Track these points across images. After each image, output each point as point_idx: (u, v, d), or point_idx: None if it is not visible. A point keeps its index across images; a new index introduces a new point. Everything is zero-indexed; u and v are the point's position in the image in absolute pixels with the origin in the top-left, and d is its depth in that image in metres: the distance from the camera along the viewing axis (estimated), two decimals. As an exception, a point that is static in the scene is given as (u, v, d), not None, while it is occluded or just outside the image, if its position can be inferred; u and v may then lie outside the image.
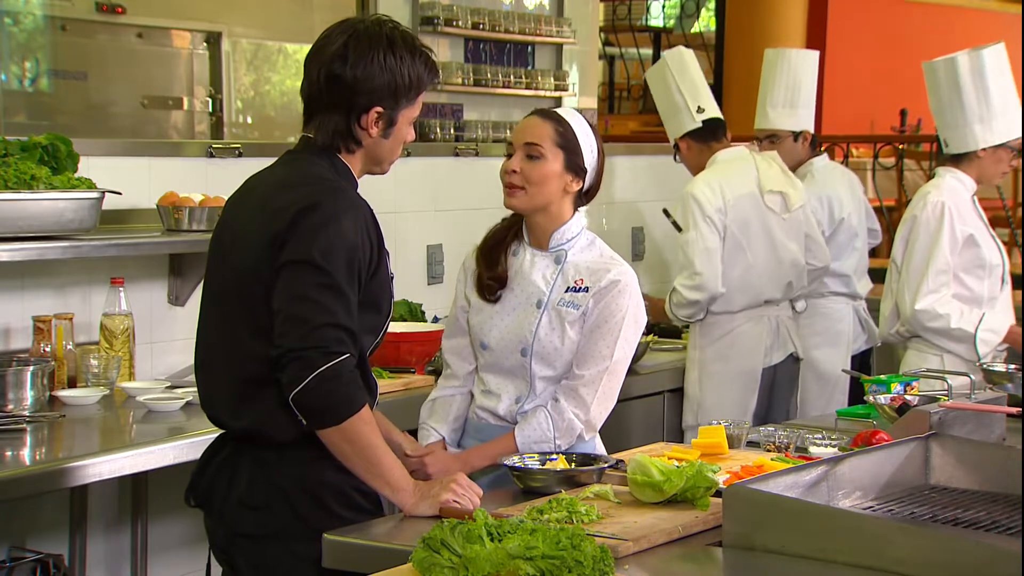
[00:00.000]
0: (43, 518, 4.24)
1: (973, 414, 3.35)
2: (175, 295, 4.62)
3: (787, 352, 5.34)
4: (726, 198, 5.18)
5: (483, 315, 3.41)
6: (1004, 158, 4.88)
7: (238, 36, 7.23)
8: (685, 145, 5.49)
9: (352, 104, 2.94)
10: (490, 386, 3.41)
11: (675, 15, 13.26)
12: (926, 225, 4.77)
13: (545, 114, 3.40)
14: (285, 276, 2.82)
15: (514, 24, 6.30)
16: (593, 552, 2.34)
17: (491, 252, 3.43)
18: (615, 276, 3.33)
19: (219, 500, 2.98)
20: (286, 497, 2.90)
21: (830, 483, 2.78)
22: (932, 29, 12.43)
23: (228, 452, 2.99)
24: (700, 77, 5.59)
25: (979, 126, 4.81)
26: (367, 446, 2.84)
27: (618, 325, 3.30)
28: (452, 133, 5.94)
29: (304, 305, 2.79)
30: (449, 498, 2.87)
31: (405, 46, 2.97)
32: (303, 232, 2.82)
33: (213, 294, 3.04)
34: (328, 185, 2.91)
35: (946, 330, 4.73)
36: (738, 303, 5.22)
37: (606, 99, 12.54)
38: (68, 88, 6.62)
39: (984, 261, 4.82)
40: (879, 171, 8.90)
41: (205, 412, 3.05)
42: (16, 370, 3.89)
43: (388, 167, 3.07)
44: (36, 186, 3.92)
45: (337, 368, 2.77)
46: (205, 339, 3.04)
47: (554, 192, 3.35)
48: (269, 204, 2.92)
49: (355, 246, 2.86)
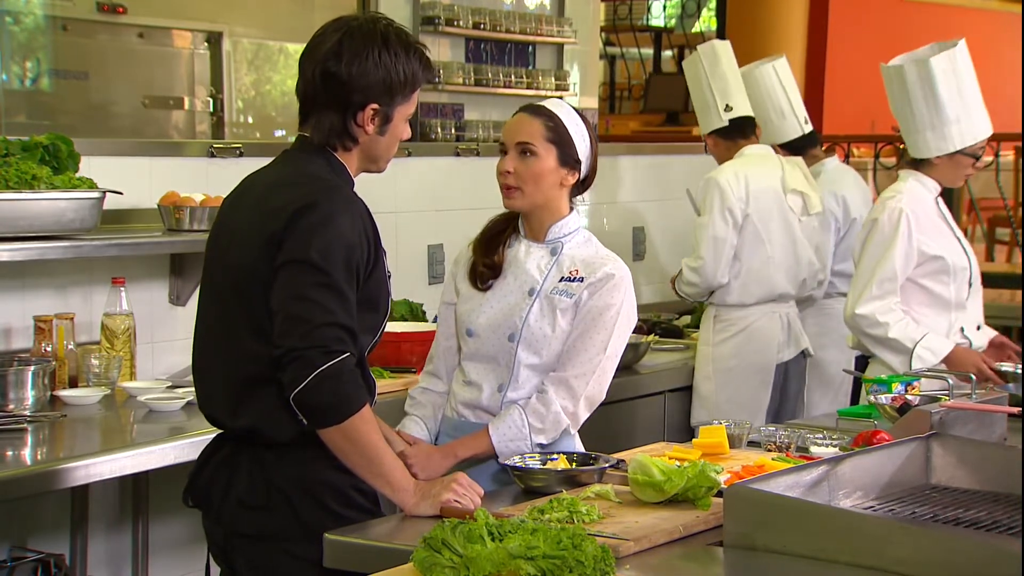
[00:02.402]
0: (44, 518, 4.24)
1: (974, 414, 3.35)
2: (176, 295, 4.62)
3: (799, 348, 5.41)
4: (749, 188, 5.25)
5: (472, 303, 3.41)
6: (963, 163, 4.67)
7: (239, 36, 7.24)
8: (712, 141, 5.53)
9: (348, 102, 2.94)
10: (471, 376, 3.39)
11: (676, 15, 13.27)
12: (881, 231, 4.61)
13: (534, 110, 3.39)
14: (283, 276, 2.82)
15: (515, 24, 6.31)
16: (594, 552, 2.34)
17: (489, 243, 3.44)
18: (611, 270, 3.34)
19: (217, 500, 2.98)
20: (285, 497, 2.90)
21: (831, 483, 2.78)
22: (933, 29, 12.42)
23: (226, 452, 2.98)
24: (733, 73, 5.56)
25: (931, 133, 4.63)
26: (368, 445, 2.84)
27: (613, 319, 3.31)
28: (453, 133, 5.95)
29: (303, 305, 2.79)
30: (450, 497, 2.87)
31: (399, 43, 2.96)
32: (300, 232, 2.82)
33: (210, 294, 3.04)
34: (324, 184, 2.91)
35: (883, 339, 4.55)
36: (754, 295, 5.28)
37: (607, 99, 12.55)
38: (69, 88, 6.62)
39: (947, 267, 4.68)
40: (880, 171, 8.90)
41: (203, 412, 3.05)
42: (17, 370, 3.89)
43: (385, 165, 3.07)
44: (37, 186, 3.92)
45: (338, 367, 2.77)
46: (202, 339, 3.04)
47: (551, 188, 3.35)
48: (265, 203, 2.92)
49: (353, 245, 2.85)
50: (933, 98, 4.60)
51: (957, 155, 4.64)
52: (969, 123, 4.63)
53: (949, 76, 4.60)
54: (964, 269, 4.66)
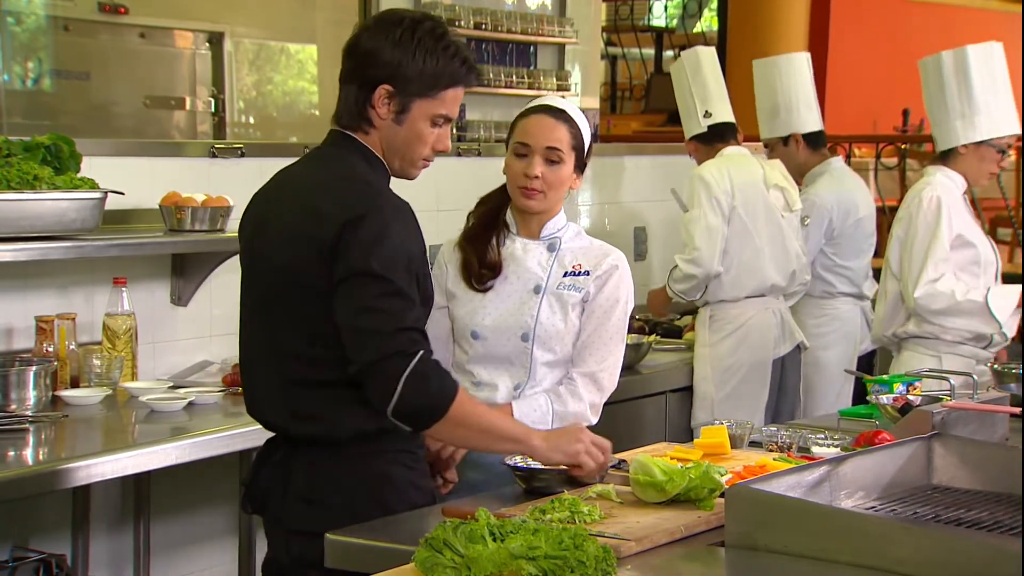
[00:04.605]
0: (46, 518, 4.24)
1: (976, 414, 3.35)
2: (177, 295, 4.62)
3: (794, 342, 5.45)
4: (734, 182, 5.32)
5: (472, 305, 3.41)
6: (988, 157, 4.86)
7: (240, 36, 7.24)
8: (692, 146, 5.63)
9: (363, 77, 2.90)
10: (482, 377, 3.39)
11: (677, 15, 13.26)
12: (924, 219, 4.76)
13: (558, 114, 3.39)
14: (346, 289, 2.78)
15: (516, 24, 6.31)
16: (596, 552, 2.34)
17: (478, 241, 3.44)
18: (614, 261, 3.40)
19: (276, 500, 2.94)
20: (344, 492, 2.88)
21: (832, 483, 2.78)
22: (934, 29, 12.42)
23: (283, 453, 2.95)
24: (715, 79, 5.62)
25: (960, 122, 4.82)
26: (478, 420, 2.86)
27: (623, 310, 3.39)
28: (454, 133, 5.95)
29: (371, 316, 2.76)
30: (580, 449, 2.94)
31: (431, 34, 2.90)
32: (358, 245, 2.77)
33: (254, 294, 2.99)
34: (370, 191, 2.87)
35: (955, 306, 4.65)
36: (746, 287, 5.31)
37: (608, 99, 12.54)
38: (71, 88, 6.62)
39: (979, 259, 4.80)
40: (881, 171, 8.90)
41: (253, 416, 3.01)
42: (19, 370, 3.89)
43: (413, 170, 3.00)
44: (39, 186, 3.91)
45: (419, 367, 2.75)
46: (249, 342, 3.00)
47: (564, 191, 3.42)
48: (310, 205, 2.86)
49: (411, 251, 2.84)
50: (966, 85, 4.80)
51: (983, 147, 4.82)
52: (999, 115, 4.83)
53: (983, 66, 4.83)
54: (991, 263, 4.82)
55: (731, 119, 5.56)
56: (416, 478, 2.95)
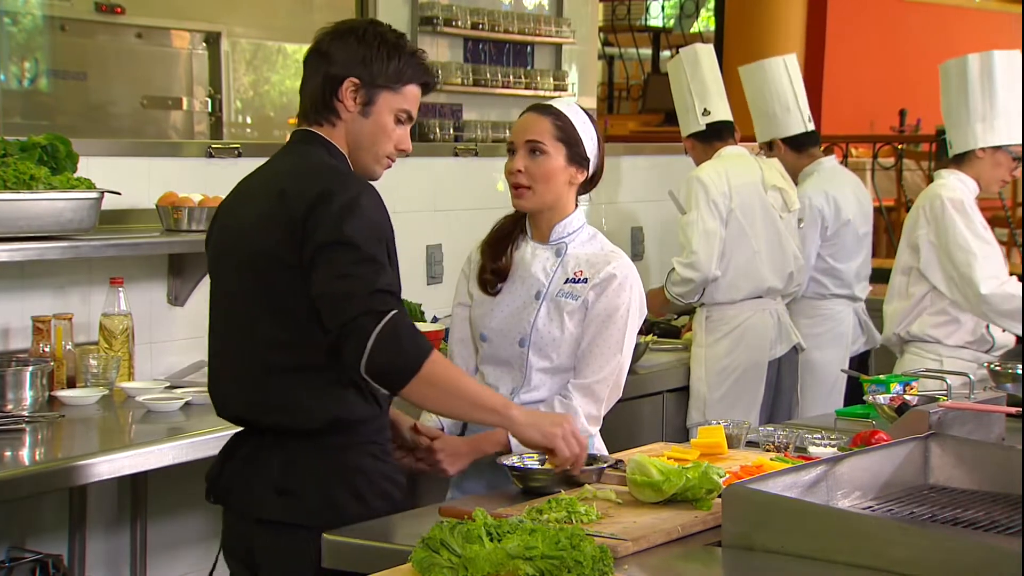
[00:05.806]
0: (42, 518, 4.24)
1: (972, 414, 3.35)
2: (174, 295, 4.62)
3: (791, 344, 5.44)
4: (731, 184, 5.30)
5: (484, 308, 3.42)
6: (1003, 162, 4.84)
7: (237, 36, 7.23)
8: (690, 144, 5.60)
9: (328, 74, 2.97)
10: (488, 379, 3.41)
11: (674, 15, 13.26)
12: (952, 218, 4.74)
13: (542, 109, 3.40)
14: (320, 260, 2.81)
15: (513, 24, 6.31)
16: (592, 552, 2.34)
17: (496, 245, 3.45)
18: (613, 270, 3.34)
19: (242, 491, 2.95)
20: (319, 482, 2.88)
21: (829, 483, 2.78)
22: (932, 29, 12.43)
23: (253, 444, 2.96)
24: (713, 77, 5.61)
25: (980, 125, 4.82)
26: (453, 381, 2.85)
27: (623, 319, 3.31)
28: (451, 133, 5.95)
29: (345, 281, 2.78)
30: (557, 433, 2.92)
31: (392, 34, 3.02)
32: (330, 217, 2.81)
33: (222, 292, 3.02)
34: (335, 171, 2.93)
35: None
36: (743, 290, 5.30)
37: (605, 99, 12.55)
38: (67, 88, 6.61)
39: None
40: (878, 171, 8.91)
41: (222, 415, 3.03)
42: (15, 370, 3.89)
43: (378, 167, 3.04)
44: (35, 186, 3.91)
45: (390, 325, 2.75)
46: (216, 344, 3.03)
47: (561, 187, 3.37)
48: (277, 191, 2.89)
49: (382, 223, 2.88)
50: (990, 88, 4.81)
51: (1000, 152, 4.83)
52: (1019, 121, 4.81)
53: (1008, 71, 4.83)
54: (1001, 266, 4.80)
55: (729, 118, 5.55)
56: (389, 471, 2.96)
